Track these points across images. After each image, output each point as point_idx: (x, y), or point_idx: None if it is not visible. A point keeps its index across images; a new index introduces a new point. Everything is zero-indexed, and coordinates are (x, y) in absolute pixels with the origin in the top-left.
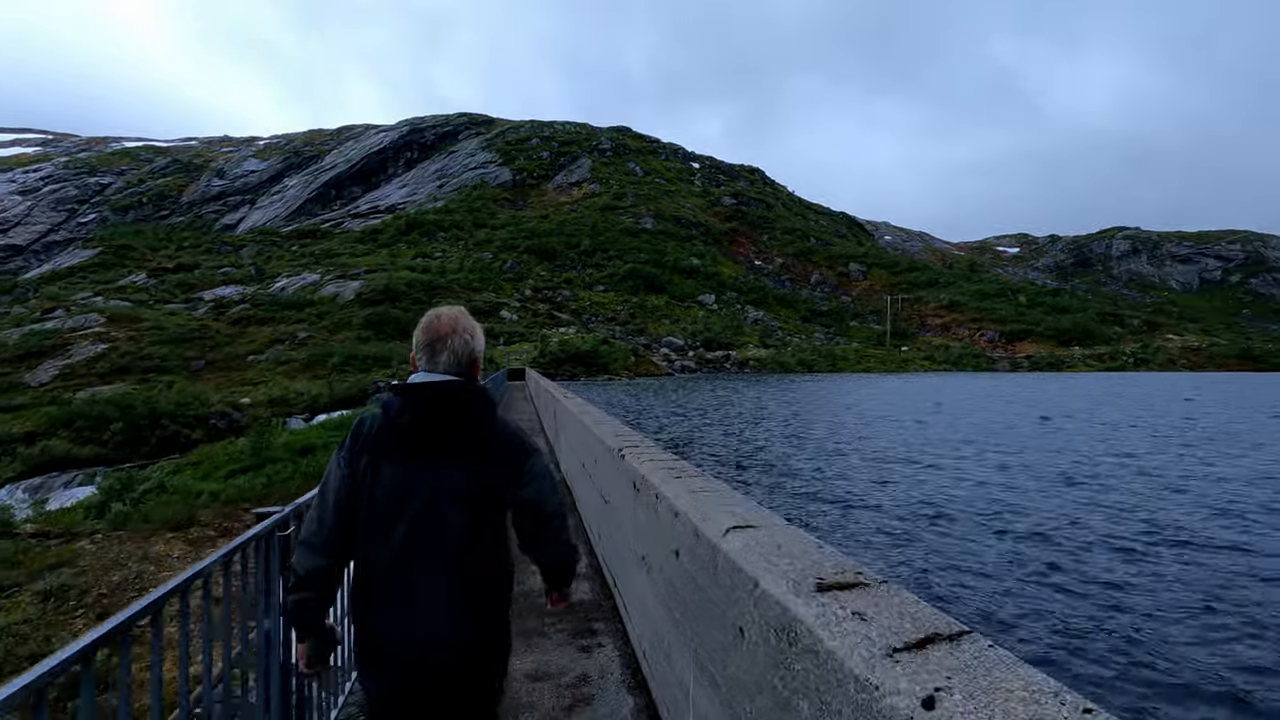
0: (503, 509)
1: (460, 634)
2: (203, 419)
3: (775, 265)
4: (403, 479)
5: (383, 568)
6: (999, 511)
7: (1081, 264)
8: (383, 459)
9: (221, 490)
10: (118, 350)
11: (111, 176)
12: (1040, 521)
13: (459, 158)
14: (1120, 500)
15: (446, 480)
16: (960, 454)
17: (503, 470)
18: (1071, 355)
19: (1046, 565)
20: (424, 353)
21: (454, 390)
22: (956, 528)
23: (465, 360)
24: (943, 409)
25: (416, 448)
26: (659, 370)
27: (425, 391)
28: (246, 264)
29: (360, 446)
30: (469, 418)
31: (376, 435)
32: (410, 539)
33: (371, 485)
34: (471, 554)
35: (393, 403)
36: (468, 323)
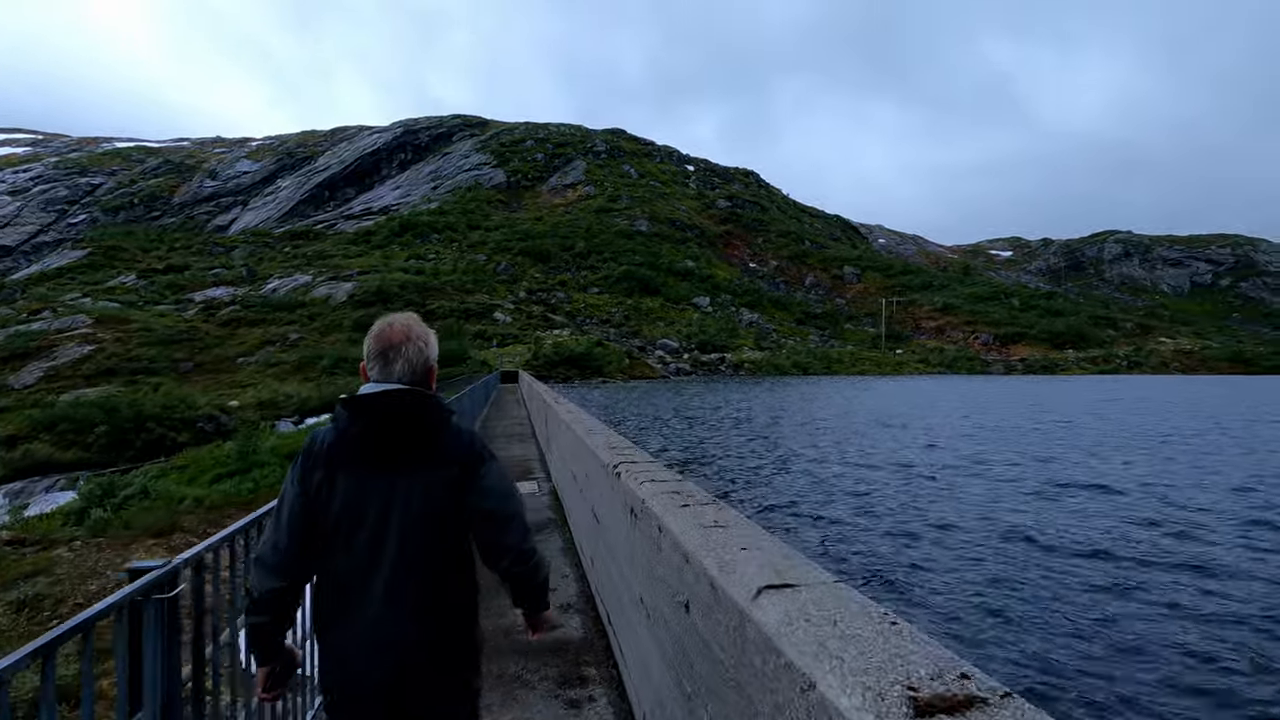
0: (461, 517)
1: (424, 641)
2: (190, 422)
3: (770, 268)
4: (359, 491)
5: (343, 580)
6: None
7: (1074, 267)
8: (338, 472)
9: (206, 495)
10: (104, 352)
11: (102, 177)
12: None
13: (453, 159)
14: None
15: (403, 490)
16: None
17: (454, 477)
18: (1065, 358)
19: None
20: (376, 361)
21: (406, 398)
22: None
23: (420, 368)
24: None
25: (371, 458)
26: (654, 373)
27: (376, 401)
28: (238, 265)
29: (313, 462)
30: (423, 426)
31: (329, 449)
32: (369, 550)
33: (327, 500)
34: (432, 562)
35: (342, 415)
36: (421, 330)
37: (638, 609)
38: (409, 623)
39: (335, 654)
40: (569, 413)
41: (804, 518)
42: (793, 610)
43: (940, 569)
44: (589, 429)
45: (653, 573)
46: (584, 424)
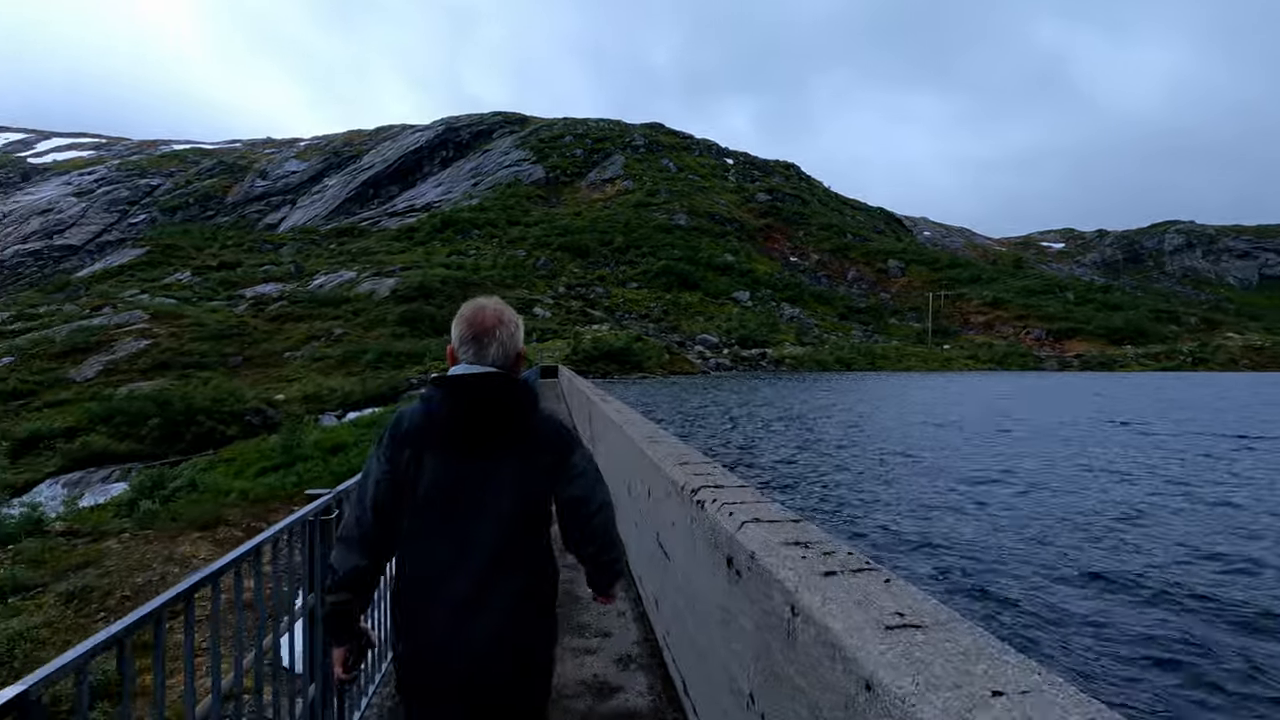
0: (548, 503)
1: (506, 628)
2: (238, 415)
3: (811, 262)
4: (447, 473)
5: (426, 565)
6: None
7: (1132, 259)
8: (425, 453)
9: (251, 489)
10: (159, 346)
11: (160, 178)
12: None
13: (493, 156)
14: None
15: (491, 474)
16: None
17: (546, 464)
18: (1124, 354)
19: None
20: (469, 346)
21: (497, 382)
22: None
23: (512, 353)
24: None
25: (460, 441)
26: (694, 368)
27: (468, 384)
28: (286, 262)
29: (401, 441)
30: (512, 410)
31: (418, 429)
32: (456, 535)
33: (414, 480)
34: (519, 550)
35: (434, 395)
36: (511, 314)
37: (741, 705)
38: (495, 612)
39: (417, 641)
40: (618, 412)
41: (938, 549)
42: None
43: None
44: (648, 435)
45: (776, 670)
46: (640, 427)
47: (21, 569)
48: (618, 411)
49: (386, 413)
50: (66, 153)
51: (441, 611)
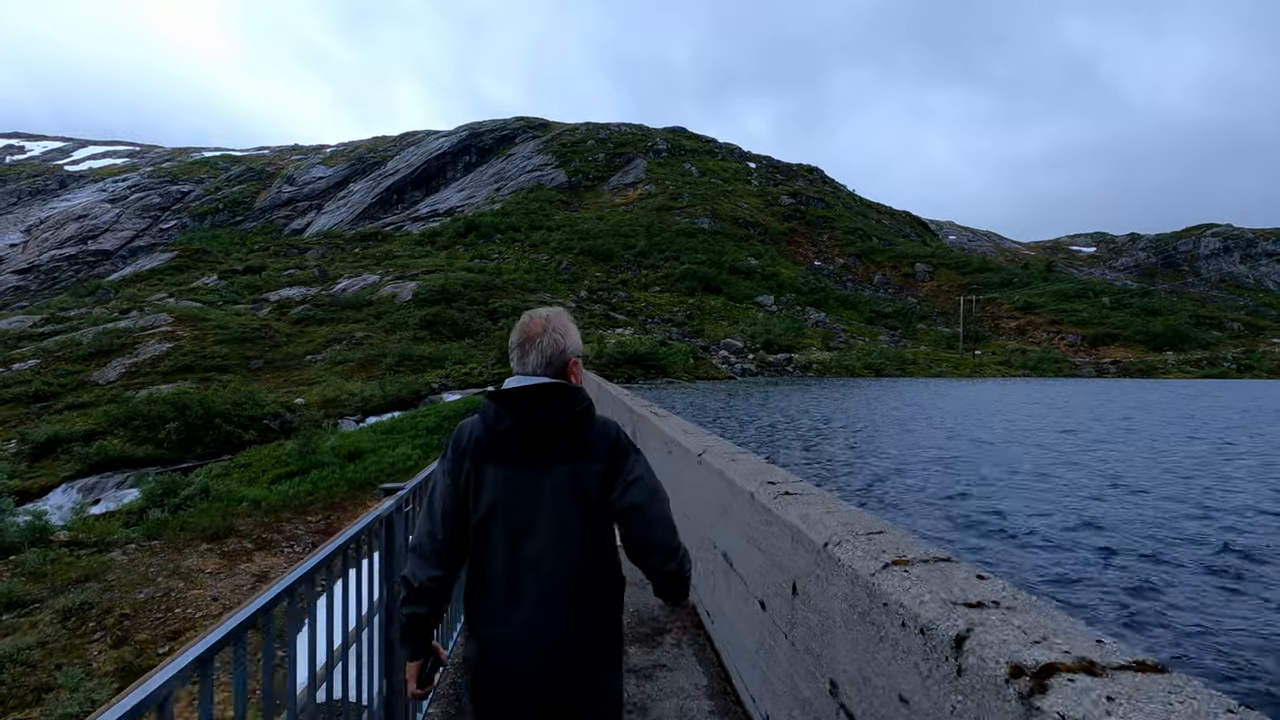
0: (606, 512)
1: (573, 636)
2: (256, 419)
3: (836, 266)
4: (506, 484)
5: (492, 575)
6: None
7: (1166, 264)
8: (484, 465)
9: (264, 497)
10: (181, 349)
11: (191, 185)
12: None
13: (516, 161)
14: None
15: (550, 484)
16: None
17: (600, 472)
18: (1163, 361)
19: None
20: (514, 353)
21: (547, 392)
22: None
23: (556, 361)
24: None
25: (515, 452)
26: (720, 373)
27: (519, 395)
28: (311, 266)
29: (461, 455)
30: (566, 419)
31: (476, 442)
32: (520, 545)
33: (476, 493)
34: (581, 558)
35: (489, 408)
36: (561, 322)
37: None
38: (562, 620)
39: (485, 649)
40: (686, 433)
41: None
42: None
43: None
44: (726, 454)
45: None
46: (713, 447)
47: (20, 582)
48: (685, 433)
49: (406, 418)
50: (102, 160)
51: (507, 621)
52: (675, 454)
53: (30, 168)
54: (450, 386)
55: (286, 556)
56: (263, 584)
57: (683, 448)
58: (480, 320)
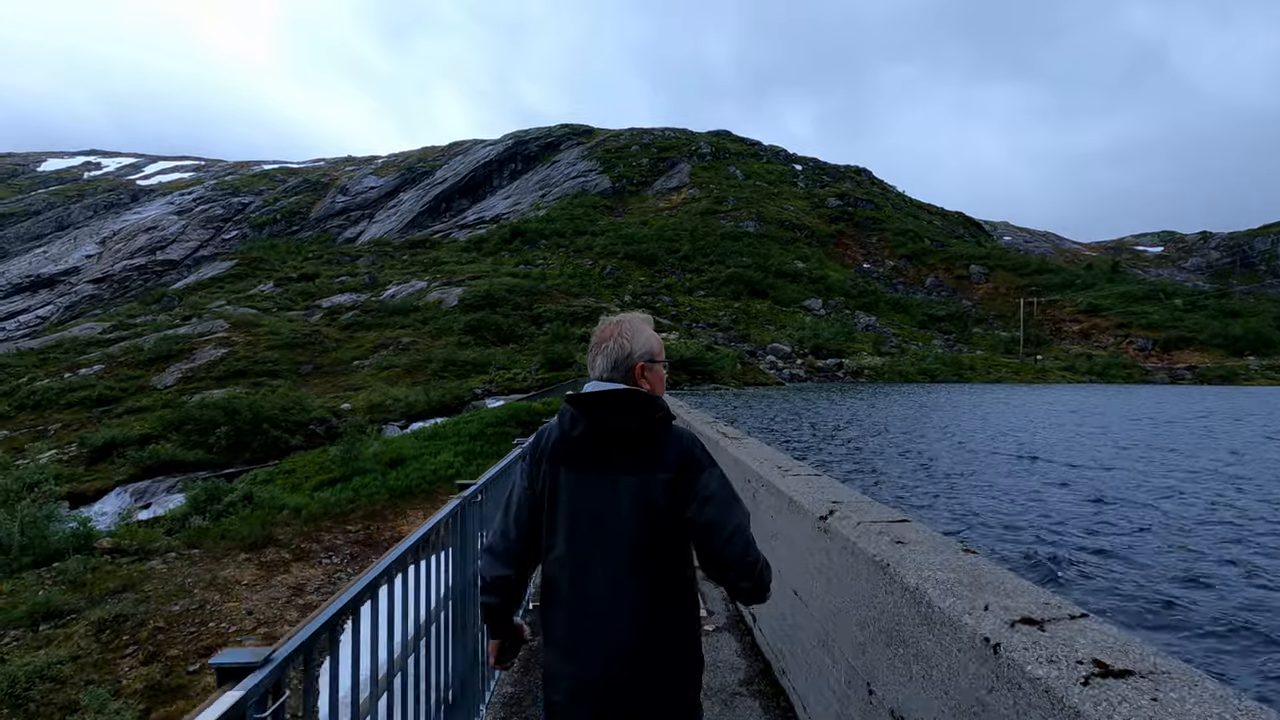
0: (676, 525)
1: (646, 645)
2: (303, 425)
3: (886, 268)
4: (580, 488)
5: (565, 578)
6: None
7: (1242, 264)
8: (560, 469)
9: (306, 505)
10: (235, 355)
11: (251, 196)
12: None
13: (560, 167)
14: None
15: (623, 490)
16: None
17: (674, 484)
18: (1245, 367)
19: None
20: (590, 359)
21: (618, 398)
22: None
23: (622, 365)
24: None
25: (588, 457)
26: (768, 379)
27: (591, 400)
28: (362, 273)
29: (538, 458)
30: (635, 426)
31: (553, 445)
32: (591, 550)
33: (552, 495)
34: (652, 566)
35: (566, 412)
36: (631, 326)
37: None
38: (631, 625)
39: (556, 650)
40: (783, 471)
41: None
42: None
43: None
44: (873, 519)
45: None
46: (844, 502)
47: (59, 591)
48: (784, 471)
49: (449, 424)
50: (170, 175)
51: (577, 625)
52: (763, 500)
53: (105, 183)
54: (494, 392)
55: (324, 568)
56: (298, 597)
57: (785, 496)
58: (524, 325)
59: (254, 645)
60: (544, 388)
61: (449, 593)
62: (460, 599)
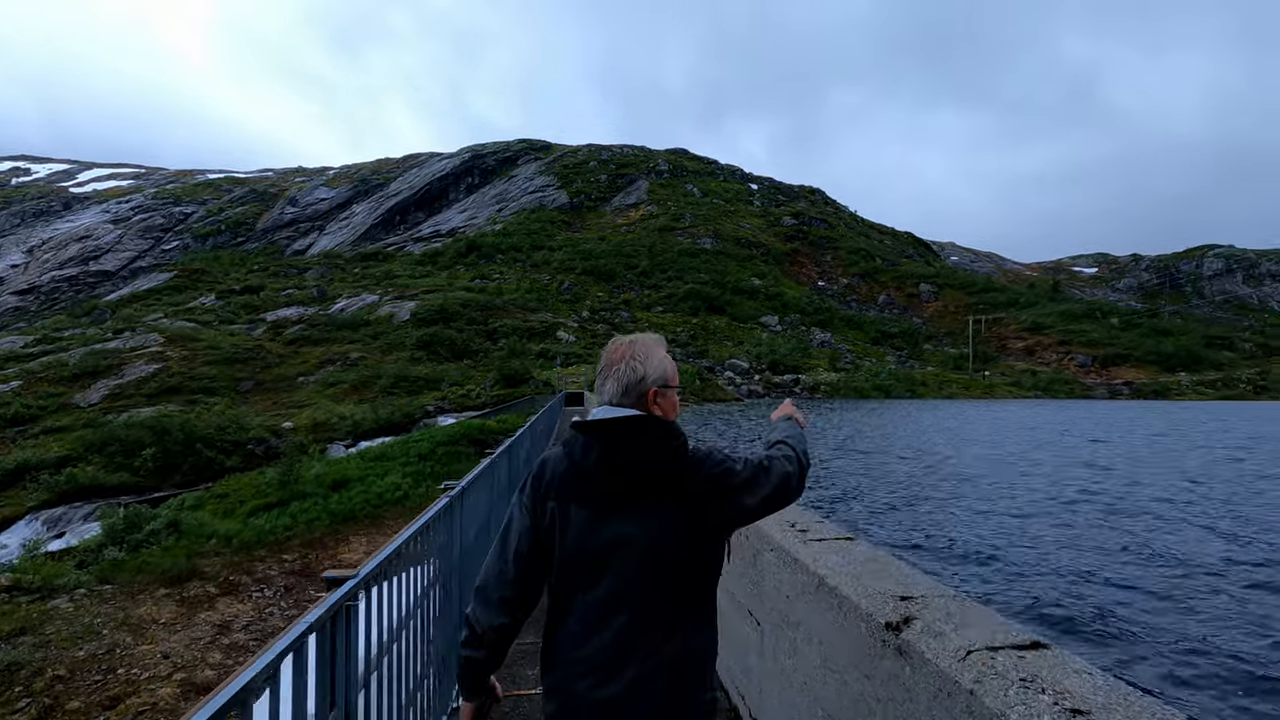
0: (710, 559)
1: (656, 706)
2: (240, 445)
3: (840, 286)
4: (592, 527)
5: (569, 627)
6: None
7: (1169, 284)
8: (571, 505)
9: (238, 532)
10: (169, 370)
11: (194, 206)
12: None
13: (518, 182)
14: None
15: (641, 529)
16: None
17: (706, 509)
18: (1178, 382)
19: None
20: (597, 381)
21: (635, 424)
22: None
23: (634, 390)
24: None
25: (604, 489)
26: (727, 395)
27: (604, 426)
28: (310, 286)
29: (544, 491)
30: (656, 455)
31: (561, 479)
32: (601, 596)
33: (560, 534)
34: (670, 615)
35: (575, 441)
36: (643, 348)
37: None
38: (644, 692)
39: (558, 703)
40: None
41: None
42: None
43: None
44: (881, 574)
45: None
46: (849, 554)
47: None
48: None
49: (398, 444)
50: (106, 182)
51: (581, 678)
52: (771, 568)
53: (35, 189)
54: (446, 409)
55: (255, 602)
56: (223, 636)
57: (811, 573)
58: (479, 340)
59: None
60: (499, 405)
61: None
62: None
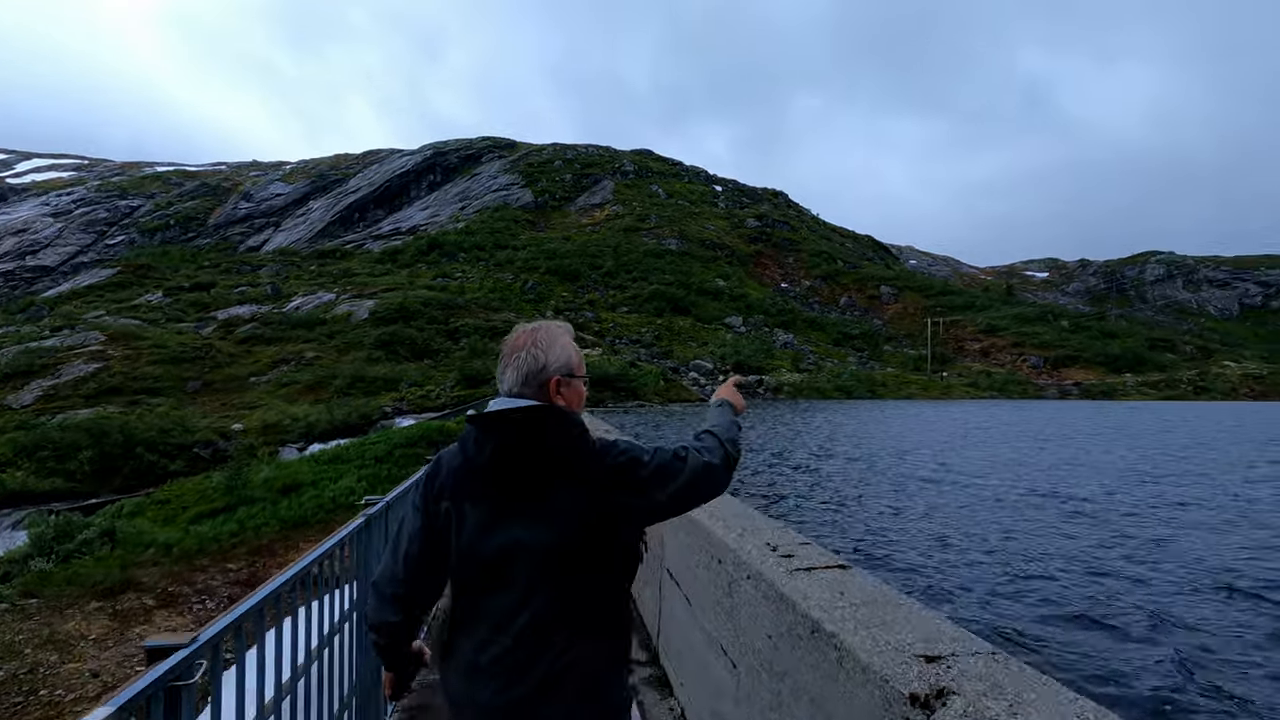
0: (618, 551)
1: (564, 708)
2: (185, 448)
3: (803, 288)
4: (489, 526)
5: (466, 632)
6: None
7: (1115, 289)
8: (465, 503)
9: (179, 540)
10: (110, 370)
11: (141, 199)
12: None
13: (481, 180)
14: None
15: (537, 525)
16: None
17: (612, 501)
18: (1123, 383)
19: None
20: (498, 371)
21: (529, 415)
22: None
23: (535, 379)
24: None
25: (500, 488)
26: (692, 395)
27: (497, 421)
28: (264, 283)
29: (438, 489)
30: (549, 450)
31: (454, 474)
32: (499, 600)
33: (456, 534)
34: (571, 617)
35: (469, 435)
36: (546, 335)
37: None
38: (549, 688)
39: (459, 712)
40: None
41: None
42: None
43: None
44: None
45: None
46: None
47: None
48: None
49: (353, 446)
50: (47, 173)
51: (478, 687)
52: (746, 599)
53: None
54: (405, 410)
55: (195, 615)
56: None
57: (804, 616)
58: (440, 340)
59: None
60: (459, 406)
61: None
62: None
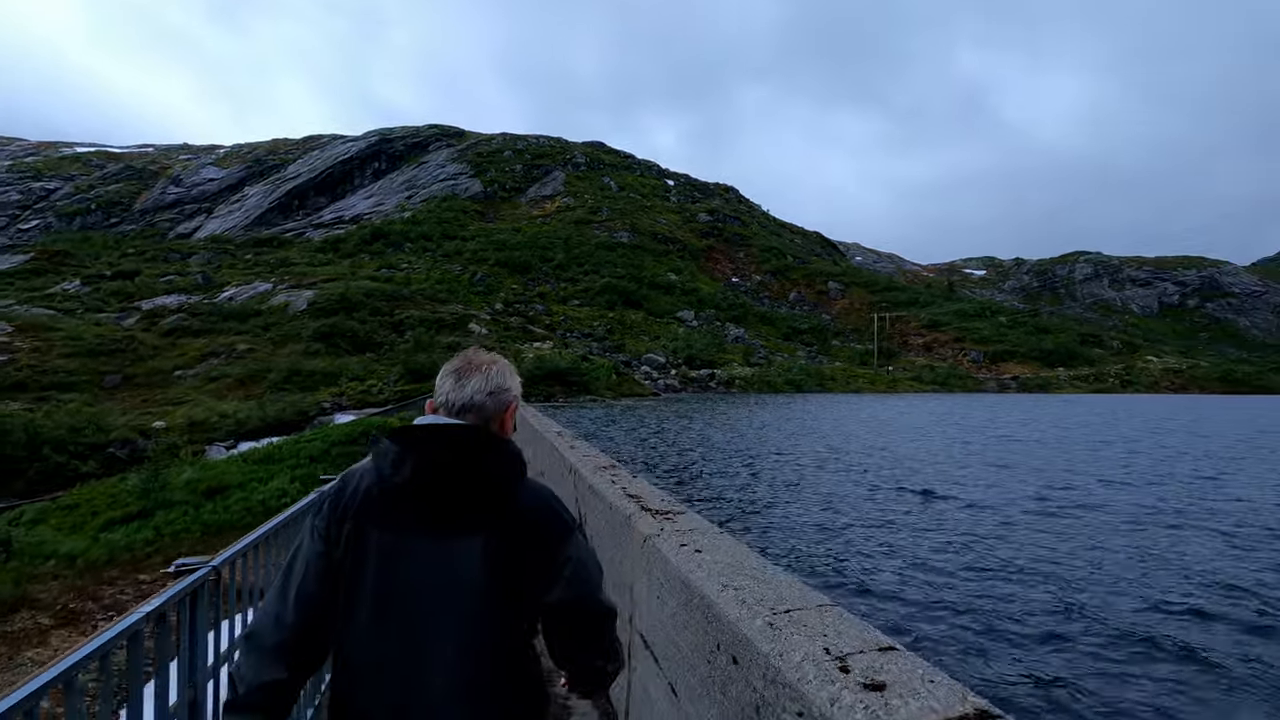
0: (531, 601)
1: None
2: (100, 448)
3: (754, 283)
4: (399, 556)
5: (370, 678)
6: None
7: (1047, 287)
8: (371, 528)
9: (86, 550)
10: (16, 364)
11: (59, 182)
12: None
13: (429, 169)
14: None
15: (456, 560)
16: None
17: (529, 553)
18: (1056, 377)
19: None
20: (448, 381)
21: (467, 436)
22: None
23: (500, 396)
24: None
25: (417, 514)
26: (644, 390)
27: (431, 436)
28: (194, 272)
29: (340, 512)
30: (486, 475)
31: (364, 496)
32: (410, 639)
33: (358, 564)
34: (493, 659)
35: (388, 452)
36: (506, 364)
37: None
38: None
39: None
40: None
41: None
42: None
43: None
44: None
45: None
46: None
47: None
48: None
49: (287, 444)
50: None
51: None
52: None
53: None
54: (345, 406)
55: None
56: None
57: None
58: (384, 333)
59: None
60: (403, 401)
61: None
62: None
